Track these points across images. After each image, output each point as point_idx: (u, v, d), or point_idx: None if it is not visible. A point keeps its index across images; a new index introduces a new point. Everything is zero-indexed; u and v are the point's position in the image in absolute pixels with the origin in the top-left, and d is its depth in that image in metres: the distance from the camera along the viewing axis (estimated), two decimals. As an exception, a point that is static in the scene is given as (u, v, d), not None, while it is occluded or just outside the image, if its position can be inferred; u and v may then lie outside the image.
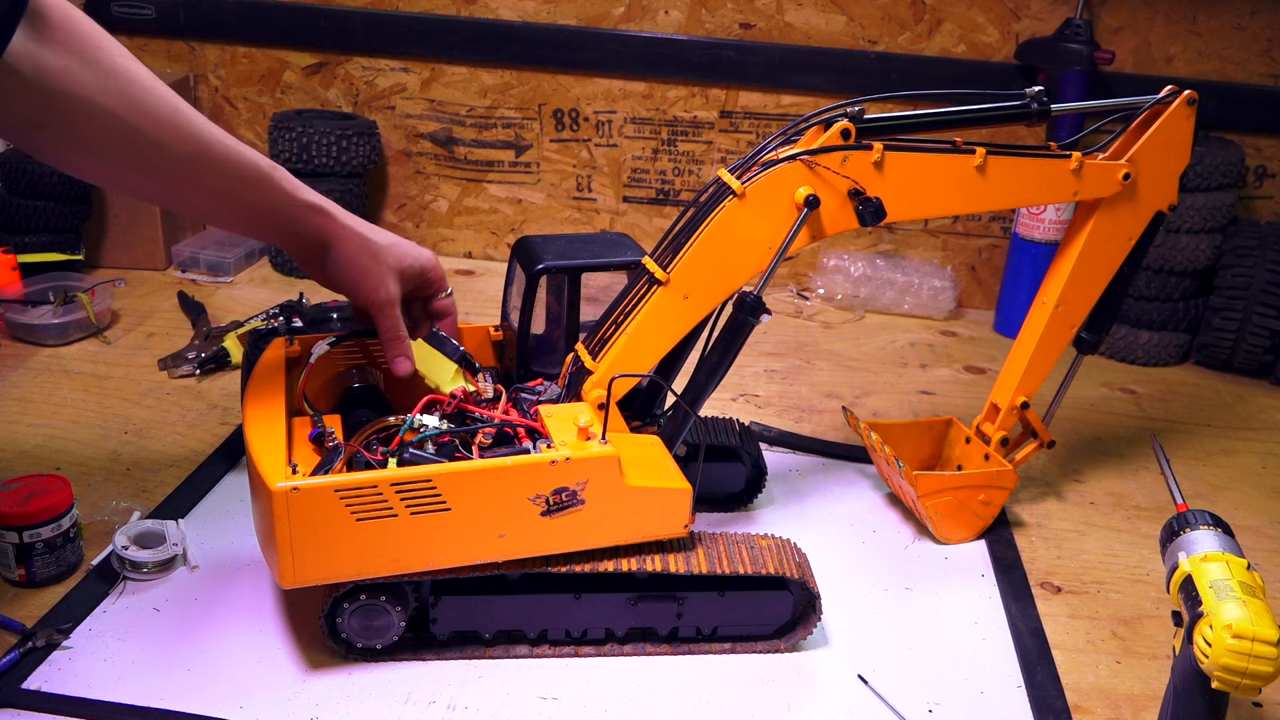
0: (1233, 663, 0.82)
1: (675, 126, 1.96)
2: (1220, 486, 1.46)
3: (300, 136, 1.85)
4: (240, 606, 1.10)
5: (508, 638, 1.06)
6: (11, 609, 1.07)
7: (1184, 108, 1.19)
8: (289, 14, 1.95)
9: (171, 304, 1.77)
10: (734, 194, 1.05)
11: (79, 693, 0.97)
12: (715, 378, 1.09)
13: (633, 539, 1.04)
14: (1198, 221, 1.72)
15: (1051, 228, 1.80)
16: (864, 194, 1.08)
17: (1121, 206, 1.21)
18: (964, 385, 1.70)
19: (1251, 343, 1.72)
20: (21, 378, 1.52)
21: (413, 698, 1.00)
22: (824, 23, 1.87)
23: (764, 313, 1.06)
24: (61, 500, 1.10)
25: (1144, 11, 1.79)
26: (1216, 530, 0.94)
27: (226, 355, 1.56)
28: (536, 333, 1.19)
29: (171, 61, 2.02)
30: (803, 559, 1.08)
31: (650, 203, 2.02)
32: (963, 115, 1.16)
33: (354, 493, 0.93)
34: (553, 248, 1.16)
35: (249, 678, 1.01)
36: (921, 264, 1.98)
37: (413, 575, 0.99)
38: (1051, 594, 1.21)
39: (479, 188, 2.05)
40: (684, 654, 1.08)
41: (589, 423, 1.01)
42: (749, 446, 1.28)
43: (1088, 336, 1.30)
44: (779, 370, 1.71)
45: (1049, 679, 1.07)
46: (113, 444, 1.37)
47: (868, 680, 1.05)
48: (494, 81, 1.96)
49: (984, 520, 1.28)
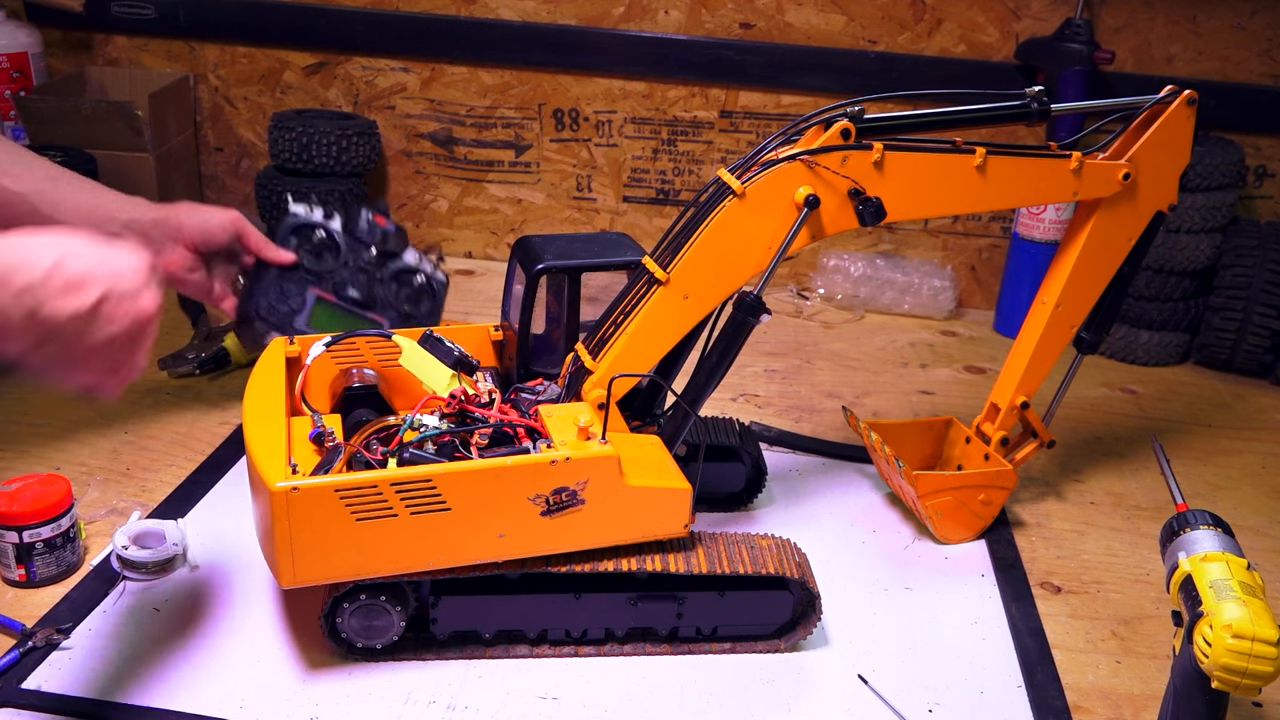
0: (1233, 663, 0.82)
1: (675, 126, 1.96)
2: (1220, 486, 1.46)
3: (300, 136, 1.85)
4: (240, 606, 1.10)
5: (508, 638, 1.06)
6: (11, 609, 1.07)
7: (1184, 108, 1.19)
8: (289, 14, 1.95)
9: (171, 304, 1.76)
10: (734, 194, 1.05)
11: (79, 693, 0.97)
12: (715, 378, 1.09)
13: (633, 539, 1.04)
14: (1198, 221, 1.72)
15: (1051, 228, 1.80)
16: (864, 194, 1.08)
17: (1121, 206, 1.21)
18: (964, 385, 1.70)
19: (1251, 343, 1.72)
20: (21, 378, 1.52)
21: (413, 698, 1.00)
22: (824, 22, 1.87)
23: (764, 312, 1.06)
24: (61, 500, 1.10)
25: (1144, 11, 1.79)
26: (1216, 530, 0.94)
27: (226, 355, 1.56)
28: (536, 333, 1.19)
29: (171, 61, 2.02)
30: (803, 559, 1.08)
31: (650, 203, 2.02)
32: (963, 115, 1.16)
33: (354, 493, 0.93)
34: (553, 248, 1.16)
35: (249, 678, 1.01)
36: (921, 264, 1.98)
37: (413, 575, 0.99)
38: (1051, 594, 1.21)
39: (479, 188, 2.05)
40: (684, 654, 1.08)
41: (589, 423, 1.01)
42: (749, 446, 1.28)
43: (1088, 336, 1.30)
44: (779, 370, 1.71)
45: (1049, 679, 1.07)
46: (113, 444, 1.37)
47: (868, 680, 1.05)
48: (494, 81, 1.96)
49: (984, 520, 1.28)
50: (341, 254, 1.36)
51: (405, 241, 1.40)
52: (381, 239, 1.37)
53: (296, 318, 1.33)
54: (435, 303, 1.40)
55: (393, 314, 1.38)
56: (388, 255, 1.38)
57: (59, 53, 2.03)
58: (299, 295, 1.34)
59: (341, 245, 1.35)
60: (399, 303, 1.38)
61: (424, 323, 1.38)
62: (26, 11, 1.98)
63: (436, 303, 1.41)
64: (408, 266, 1.38)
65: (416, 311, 1.39)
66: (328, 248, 1.36)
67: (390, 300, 1.38)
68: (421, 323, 1.38)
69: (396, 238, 1.38)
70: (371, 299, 1.37)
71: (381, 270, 1.37)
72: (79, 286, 0.78)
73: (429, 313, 1.40)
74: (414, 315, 1.39)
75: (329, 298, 1.35)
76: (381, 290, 1.37)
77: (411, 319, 1.38)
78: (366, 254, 1.37)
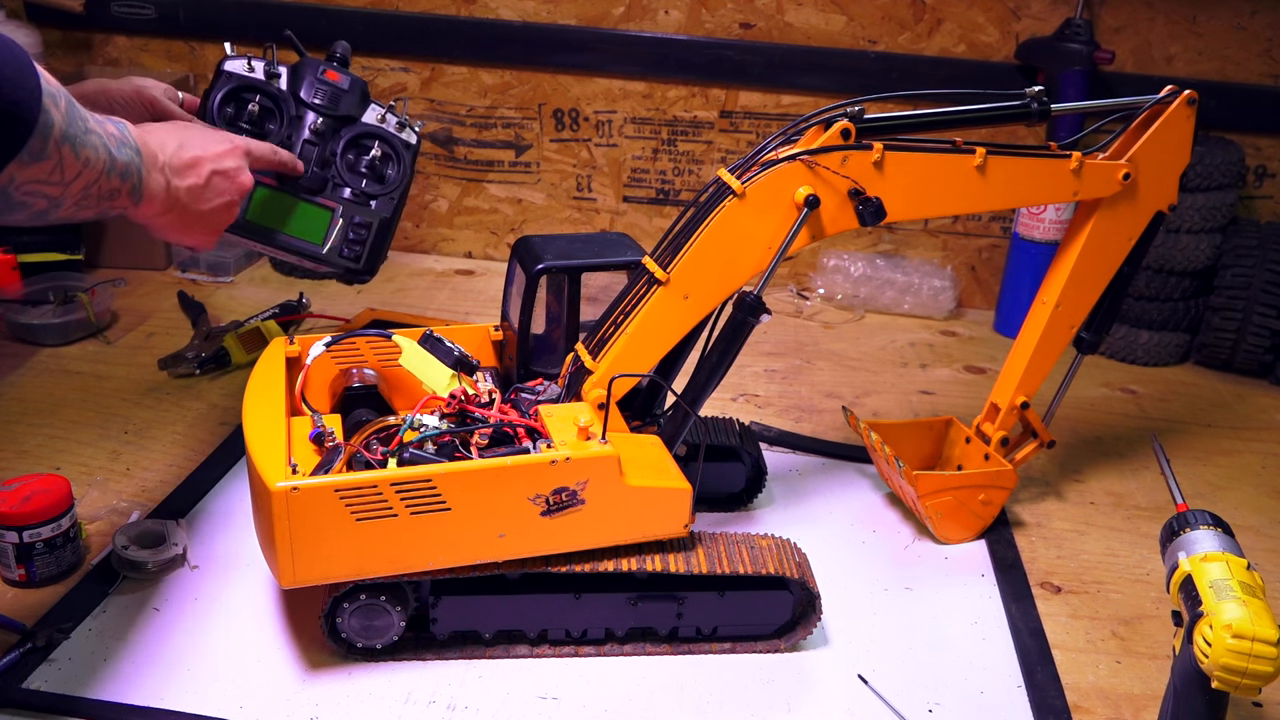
0: (1233, 662, 0.82)
1: (675, 126, 1.96)
2: (1220, 486, 1.46)
3: (300, 136, 1.84)
4: (240, 606, 1.10)
5: (508, 638, 1.06)
6: (11, 609, 1.07)
7: (1184, 108, 1.19)
8: (289, 14, 1.95)
9: (171, 304, 1.77)
10: (734, 194, 1.05)
11: (79, 693, 0.97)
12: (715, 378, 1.09)
13: (633, 539, 1.04)
14: (1198, 221, 1.72)
15: (1051, 228, 1.80)
16: (864, 194, 1.08)
17: (1121, 206, 1.21)
18: (964, 385, 1.70)
19: (1251, 343, 1.72)
20: (21, 378, 1.52)
21: (413, 698, 1.00)
22: (824, 22, 1.87)
23: (764, 312, 1.06)
24: (61, 500, 1.10)
25: (1144, 11, 1.79)
26: (1216, 530, 0.94)
27: (226, 355, 1.56)
28: (536, 333, 1.19)
29: (171, 61, 2.02)
30: (803, 559, 1.08)
31: (650, 203, 2.02)
32: (963, 115, 1.16)
33: (354, 493, 0.93)
34: (553, 248, 1.16)
35: (249, 678, 1.01)
36: (921, 264, 1.98)
37: (413, 575, 0.99)
38: (1051, 594, 1.21)
39: (479, 188, 2.05)
40: (684, 654, 1.08)
41: (589, 423, 1.01)
42: (749, 446, 1.28)
43: (1088, 336, 1.30)
44: (779, 370, 1.71)
45: (1049, 679, 1.07)
46: (113, 444, 1.37)
47: (868, 680, 1.05)
48: (494, 81, 1.96)
49: (984, 520, 1.28)
50: (284, 122, 1.16)
51: (366, 99, 1.20)
52: (332, 100, 1.18)
53: None
54: (402, 170, 1.20)
55: (352, 197, 1.19)
56: (342, 119, 1.19)
57: (59, 53, 2.03)
58: None
59: (285, 110, 1.16)
60: (356, 180, 1.19)
61: (390, 203, 1.21)
62: (26, 11, 1.98)
63: (403, 170, 1.21)
64: (366, 130, 1.19)
65: (378, 189, 1.20)
66: (269, 114, 1.17)
67: (345, 176, 1.19)
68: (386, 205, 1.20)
69: (352, 97, 1.19)
70: (323, 179, 1.18)
71: (334, 140, 1.18)
72: (194, 166, 1.01)
73: (396, 185, 1.21)
74: (376, 195, 1.20)
75: (269, 182, 1.16)
76: (337, 164, 1.18)
77: (375, 199, 1.20)
78: (317, 121, 1.17)
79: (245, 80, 1.17)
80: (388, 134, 1.21)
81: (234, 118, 1.17)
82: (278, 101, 1.17)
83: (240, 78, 1.17)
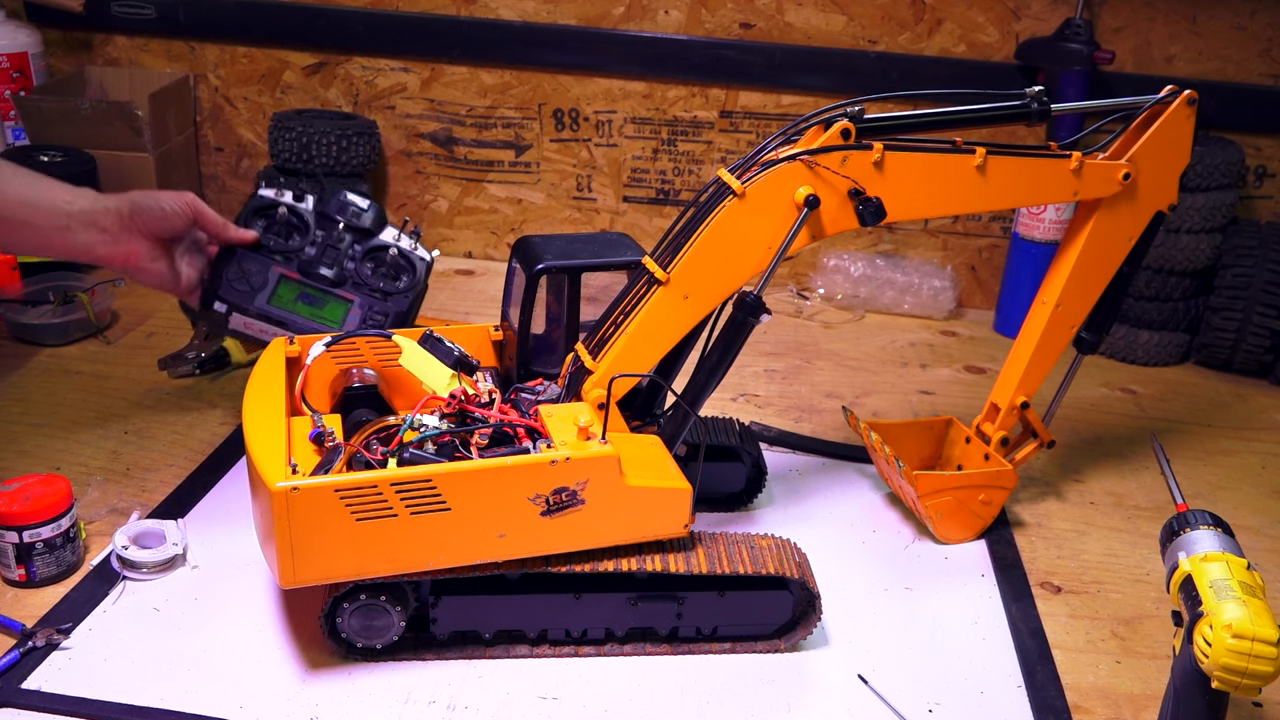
0: (1233, 663, 0.82)
1: (675, 126, 1.96)
2: (1220, 486, 1.46)
3: (300, 136, 1.85)
4: (240, 606, 1.10)
5: (508, 638, 1.06)
6: (11, 609, 1.07)
7: (1184, 108, 1.19)
8: (289, 14, 1.95)
9: (171, 304, 1.76)
10: (734, 194, 1.05)
11: (79, 693, 0.97)
12: (715, 378, 1.09)
13: (633, 539, 1.04)
14: (1198, 221, 1.72)
15: (1051, 228, 1.80)
16: (864, 194, 1.08)
17: (1121, 206, 1.21)
18: (964, 385, 1.70)
19: (1251, 343, 1.72)
20: (21, 378, 1.52)
21: (413, 698, 1.00)
22: (824, 23, 1.87)
23: (764, 312, 1.06)
24: (61, 500, 1.10)
25: (1144, 11, 1.79)
26: (1216, 530, 0.94)
27: (226, 355, 1.56)
28: (536, 333, 1.19)
29: (171, 61, 2.02)
30: (803, 559, 1.08)
31: (650, 203, 2.02)
32: (963, 115, 1.16)
33: (354, 493, 0.93)
34: (553, 248, 1.16)
35: (249, 678, 1.01)
36: (921, 264, 1.98)
37: (413, 575, 0.99)
38: (1051, 594, 1.21)
39: (479, 188, 2.05)
40: (684, 654, 1.08)
41: (589, 423, 1.01)
42: (749, 446, 1.28)
43: (1088, 336, 1.30)
44: (779, 370, 1.71)
45: (1049, 679, 1.07)
46: (113, 444, 1.37)
47: (868, 680, 1.05)
48: (494, 81, 1.96)
49: (984, 520, 1.28)
50: (310, 232, 1.32)
51: (384, 221, 1.36)
52: (355, 216, 1.34)
53: (257, 296, 1.29)
54: (415, 278, 1.35)
55: (369, 292, 1.33)
56: (362, 233, 1.34)
57: (59, 53, 2.03)
58: (261, 274, 1.30)
59: (310, 223, 1.32)
60: (374, 280, 1.33)
61: (405, 300, 1.34)
62: (26, 11, 1.98)
63: (416, 279, 1.35)
64: (382, 243, 1.34)
65: (394, 288, 1.34)
66: (295, 226, 1.32)
67: (365, 278, 1.33)
68: (402, 300, 1.34)
69: (372, 216, 1.35)
70: (343, 277, 1.32)
71: (354, 249, 1.33)
72: None
73: (409, 289, 1.34)
74: (392, 293, 1.33)
75: (294, 275, 1.31)
76: (356, 268, 1.33)
77: (390, 296, 1.33)
78: (339, 232, 1.33)
79: (274, 200, 1.32)
80: (402, 249, 1.35)
81: (264, 227, 1.32)
82: (302, 215, 1.33)
83: (269, 198, 1.33)
